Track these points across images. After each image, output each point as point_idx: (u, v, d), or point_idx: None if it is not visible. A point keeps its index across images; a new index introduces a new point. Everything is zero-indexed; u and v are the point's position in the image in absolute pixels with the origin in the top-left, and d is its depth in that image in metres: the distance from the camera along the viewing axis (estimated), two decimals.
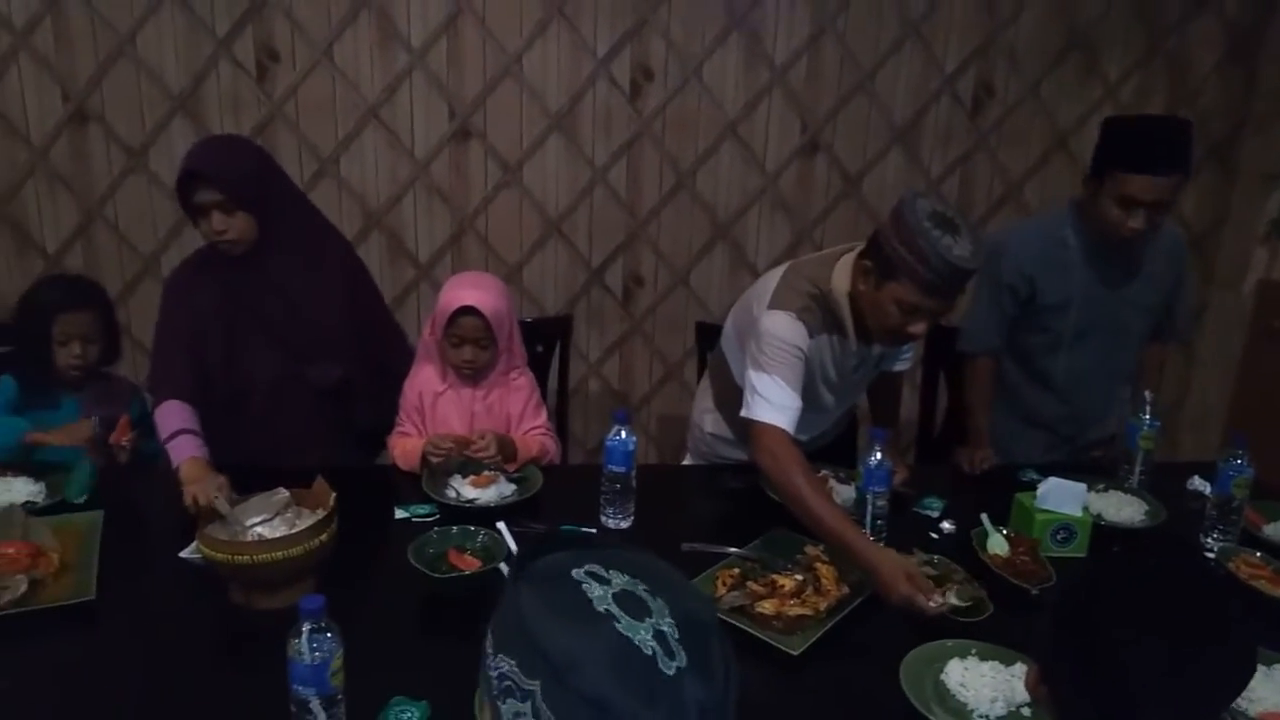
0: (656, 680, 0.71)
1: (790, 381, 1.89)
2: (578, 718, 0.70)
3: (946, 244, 1.72)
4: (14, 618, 1.53)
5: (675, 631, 0.73)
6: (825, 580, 1.65)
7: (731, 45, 3.12)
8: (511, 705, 0.73)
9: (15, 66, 2.95)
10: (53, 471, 1.99)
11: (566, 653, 0.71)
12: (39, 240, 3.11)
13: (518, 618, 0.74)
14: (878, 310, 1.85)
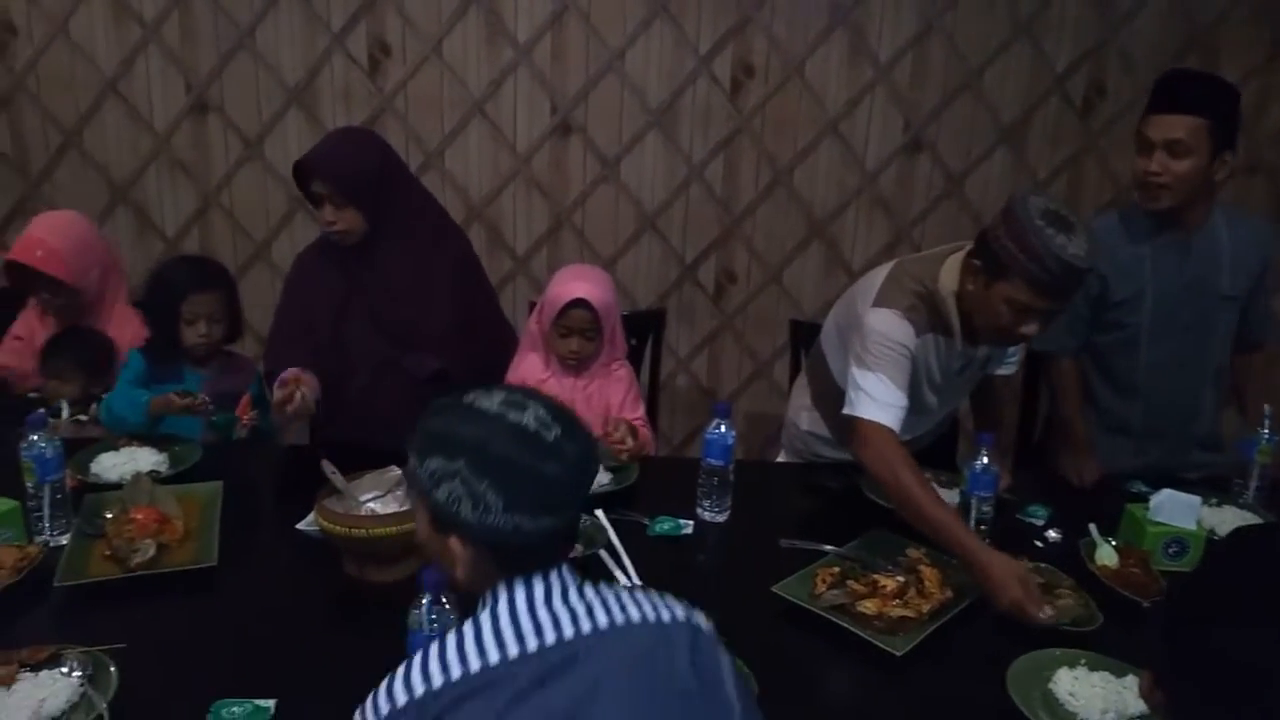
0: (543, 444, 1.03)
1: (896, 380, 1.87)
2: (495, 476, 1.00)
3: (1060, 242, 1.68)
4: (143, 579, 1.62)
5: (546, 415, 1.05)
6: (929, 583, 1.63)
7: (835, 42, 3.09)
8: (444, 488, 1.02)
9: (144, 58, 3.11)
10: (175, 443, 2.09)
11: (478, 437, 1.02)
12: (159, 223, 3.26)
13: (438, 428, 1.05)
14: (987, 310, 1.82)
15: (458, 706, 0.96)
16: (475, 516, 1.01)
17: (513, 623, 1.02)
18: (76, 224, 2.42)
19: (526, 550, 1.04)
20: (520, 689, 0.97)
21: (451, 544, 1.05)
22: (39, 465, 1.71)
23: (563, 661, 0.99)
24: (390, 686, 1.00)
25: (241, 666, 1.42)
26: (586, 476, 1.08)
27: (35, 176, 3.22)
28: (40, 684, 1.32)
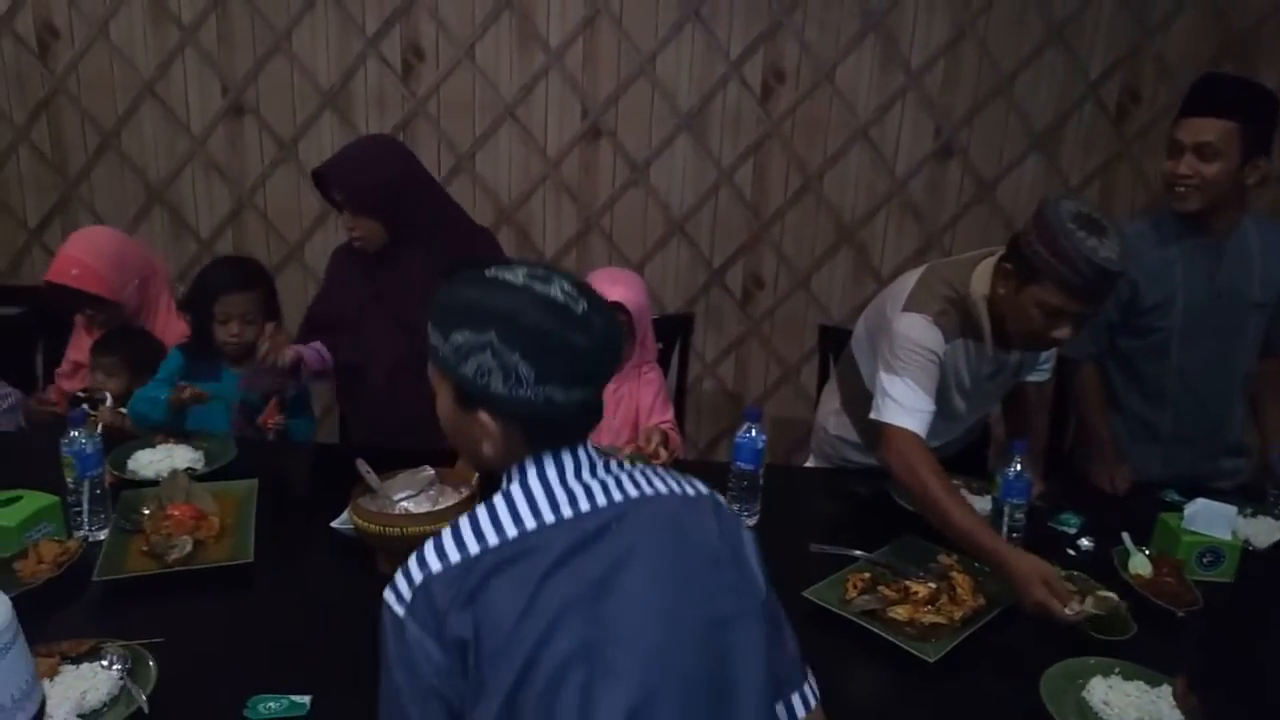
0: (573, 315, 1.01)
1: (923, 385, 1.87)
2: (526, 347, 0.99)
3: (1092, 245, 1.67)
4: (180, 575, 1.64)
5: (573, 289, 1.04)
6: (961, 589, 1.62)
7: (866, 48, 3.08)
8: (473, 361, 1.01)
9: (181, 60, 3.15)
10: (210, 440, 2.12)
11: (508, 307, 1.00)
12: (193, 225, 3.30)
13: (464, 300, 1.03)
14: (1019, 314, 1.81)
15: (498, 572, 0.98)
16: (507, 389, 1.00)
17: (546, 493, 1.03)
18: (110, 239, 2.44)
19: (557, 423, 1.04)
20: (556, 556, 0.99)
21: (480, 419, 1.04)
22: (79, 461, 1.74)
23: (596, 529, 1.02)
24: (422, 555, 1.00)
25: (277, 662, 1.43)
26: (613, 349, 1.07)
27: (74, 177, 3.27)
28: (81, 676, 1.35)
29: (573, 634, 0.96)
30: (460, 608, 0.97)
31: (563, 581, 0.98)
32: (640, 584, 1.00)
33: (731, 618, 1.05)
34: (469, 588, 0.97)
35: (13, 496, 1.73)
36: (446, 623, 0.97)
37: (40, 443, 2.27)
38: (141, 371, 2.33)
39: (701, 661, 1.01)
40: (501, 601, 0.96)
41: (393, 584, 1.01)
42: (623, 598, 0.99)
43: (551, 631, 0.96)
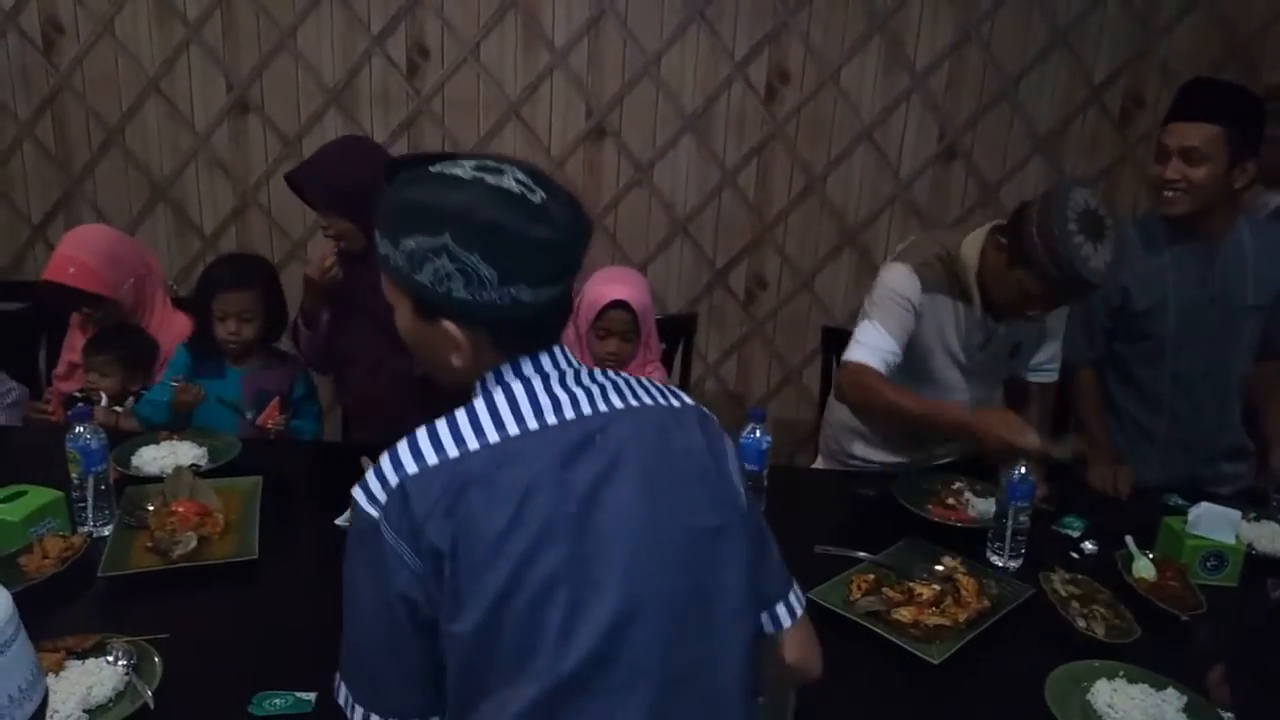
0: (531, 206, 0.95)
1: (889, 328, 1.95)
2: (485, 246, 0.93)
3: (1085, 253, 1.70)
4: (184, 571, 1.64)
5: (527, 179, 0.97)
6: (965, 592, 1.62)
7: (871, 50, 3.09)
8: (429, 267, 0.95)
9: (185, 57, 3.15)
10: (215, 438, 2.12)
11: (460, 204, 0.94)
12: (197, 222, 3.30)
13: (410, 201, 0.96)
14: (1002, 285, 1.91)
15: (479, 481, 0.94)
16: (469, 293, 0.95)
17: (529, 399, 0.99)
18: (106, 237, 2.43)
19: (527, 325, 0.99)
20: (540, 469, 0.95)
21: (445, 328, 0.99)
22: (84, 457, 1.74)
23: (581, 439, 0.99)
24: (396, 455, 0.95)
25: (282, 658, 1.43)
26: (580, 240, 1.00)
27: (78, 173, 3.27)
28: (87, 671, 1.35)
29: (558, 550, 0.94)
30: (439, 518, 0.93)
31: (547, 495, 0.95)
32: (625, 497, 0.98)
33: (715, 529, 1.03)
34: (448, 497, 0.93)
35: (17, 492, 1.73)
36: (424, 532, 0.93)
37: (44, 439, 2.28)
38: (135, 370, 2.32)
39: (684, 573, 1.00)
40: (483, 515, 0.93)
41: (363, 483, 0.96)
42: (608, 512, 0.97)
43: (536, 547, 0.93)
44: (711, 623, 1.02)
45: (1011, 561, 1.81)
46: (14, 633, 0.81)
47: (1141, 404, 2.29)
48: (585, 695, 0.94)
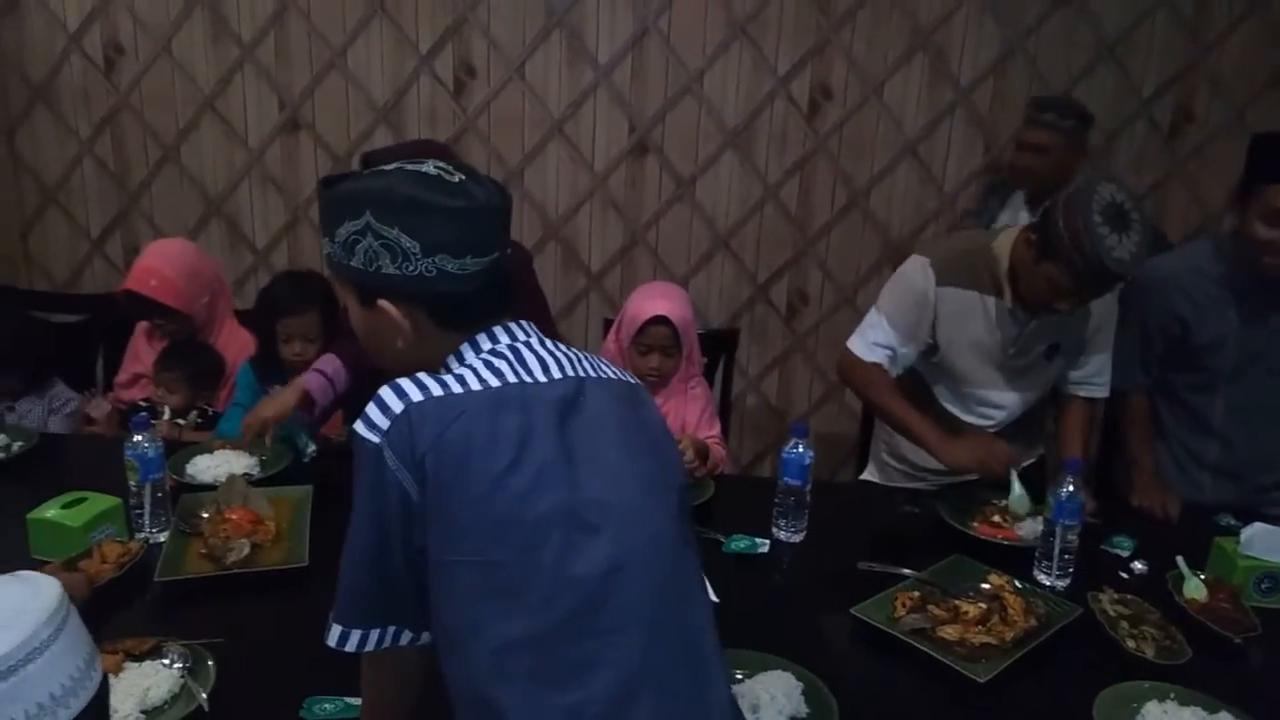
0: (447, 184, 1.02)
1: (894, 323, 1.99)
2: (404, 219, 1.00)
3: (1109, 244, 1.71)
4: (237, 577, 1.68)
5: (447, 165, 1.05)
6: (1012, 610, 1.60)
7: (915, 65, 3.09)
8: (359, 251, 1.01)
9: (240, 77, 3.24)
10: (264, 447, 2.16)
11: (380, 187, 1.02)
12: (249, 236, 3.38)
13: (338, 195, 1.04)
14: (1030, 280, 1.90)
15: (478, 418, 0.99)
16: (397, 267, 1.01)
17: (516, 359, 1.05)
18: (187, 252, 2.48)
19: (460, 299, 1.04)
20: (534, 416, 1.01)
21: (383, 309, 1.04)
22: (142, 465, 1.78)
23: (567, 395, 1.05)
24: (399, 387, 1.00)
25: (332, 665, 1.42)
26: (499, 216, 1.06)
27: (135, 189, 3.37)
28: (144, 673, 1.38)
29: (554, 494, 0.99)
30: (437, 451, 0.97)
31: (543, 442, 1.00)
32: (613, 450, 1.06)
33: (680, 488, 1.14)
34: (447, 430, 0.97)
35: (78, 498, 1.78)
36: (424, 461, 0.97)
37: (102, 447, 2.34)
38: (201, 387, 2.38)
39: (665, 521, 1.08)
40: (483, 451, 0.98)
41: (364, 415, 1.00)
42: (599, 464, 1.03)
43: (533, 489, 0.98)
44: (685, 572, 1.10)
45: (1059, 581, 1.79)
46: (62, 621, 0.84)
47: (1194, 430, 2.25)
48: (577, 634, 0.99)
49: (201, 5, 3.17)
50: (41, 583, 0.85)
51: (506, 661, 0.98)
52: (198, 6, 3.17)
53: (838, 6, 3.05)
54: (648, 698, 1.00)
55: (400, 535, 1.00)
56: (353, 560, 1.05)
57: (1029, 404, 2.17)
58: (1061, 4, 3.00)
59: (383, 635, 1.08)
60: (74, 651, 0.84)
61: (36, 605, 0.82)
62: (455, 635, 1.02)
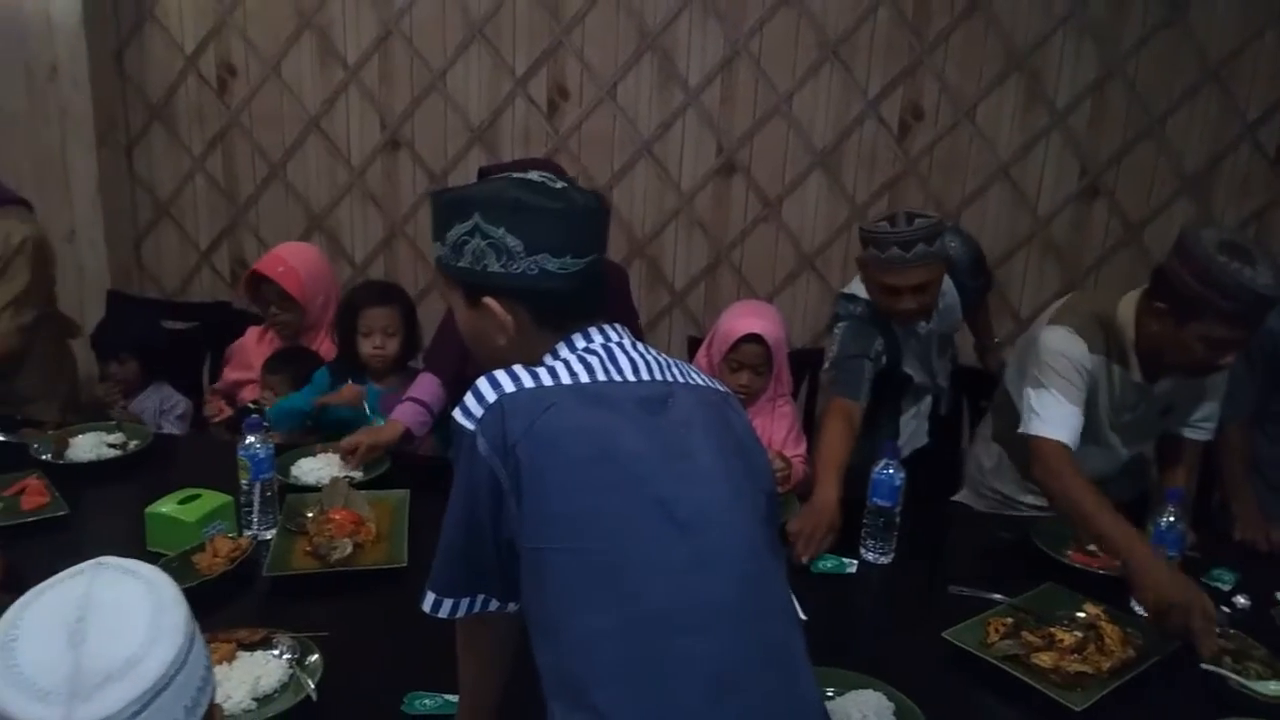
0: (550, 189, 1.10)
1: (1068, 395, 1.89)
2: (509, 219, 1.07)
3: (1248, 275, 1.65)
4: (340, 575, 1.75)
5: (551, 175, 1.12)
6: (1109, 640, 1.57)
7: (1010, 87, 3.06)
8: (467, 251, 1.09)
9: (344, 98, 3.37)
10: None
11: (488, 192, 1.10)
12: (349, 250, 3.51)
13: (448, 201, 1.12)
14: (1179, 349, 1.80)
15: (570, 412, 1.03)
16: (502, 265, 1.08)
17: (607, 357, 1.10)
18: (315, 256, 2.70)
19: (558, 296, 1.10)
20: (627, 411, 1.06)
21: (487, 306, 1.11)
22: (253, 465, 1.87)
23: (657, 396, 1.09)
24: (494, 378, 1.06)
25: (432, 663, 1.49)
26: (597, 220, 1.14)
27: (242, 203, 3.53)
28: (256, 663, 1.45)
29: (643, 487, 1.03)
30: (528, 440, 1.02)
31: (633, 436, 1.05)
32: (703, 451, 1.09)
33: (770, 493, 1.17)
34: (537, 420, 1.02)
35: (192, 494, 1.88)
36: (516, 452, 1.02)
37: (211, 447, 2.46)
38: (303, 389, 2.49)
39: (755, 525, 1.10)
40: (570, 444, 1.02)
41: (462, 404, 1.07)
42: (691, 463, 1.07)
43: (622, 481, 1.03)
44: (773, 576, 1.11)
45: None
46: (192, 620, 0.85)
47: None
48: (666, 629, 1.01)
49: (310, 29, 3.32)
50: (159, 581, 0.84)
51: (595, 652, 1.01)
52: (307, 30, 3.32)
53: (931, 28, 3.04)
54: (738, 695, 1.02)
55: (489, 519, 1.06)
56: (447, 536, 1.12)
57: (1137, 453, 2.14)
58: (1164, 26, 2.94)
59: (471, 603, 1.15)
60: (203, 654, 0.85)
61: (175, 611, 0.82)
62: (546, 624, 1.05)
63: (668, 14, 3.13)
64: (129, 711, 0.76)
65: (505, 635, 1.22)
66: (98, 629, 0.77)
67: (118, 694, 0.76)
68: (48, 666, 0.75)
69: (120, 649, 0.77)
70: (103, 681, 0.75)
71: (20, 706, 0.74)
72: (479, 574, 1.11)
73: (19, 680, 0.74)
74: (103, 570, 0.82)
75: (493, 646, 1.23)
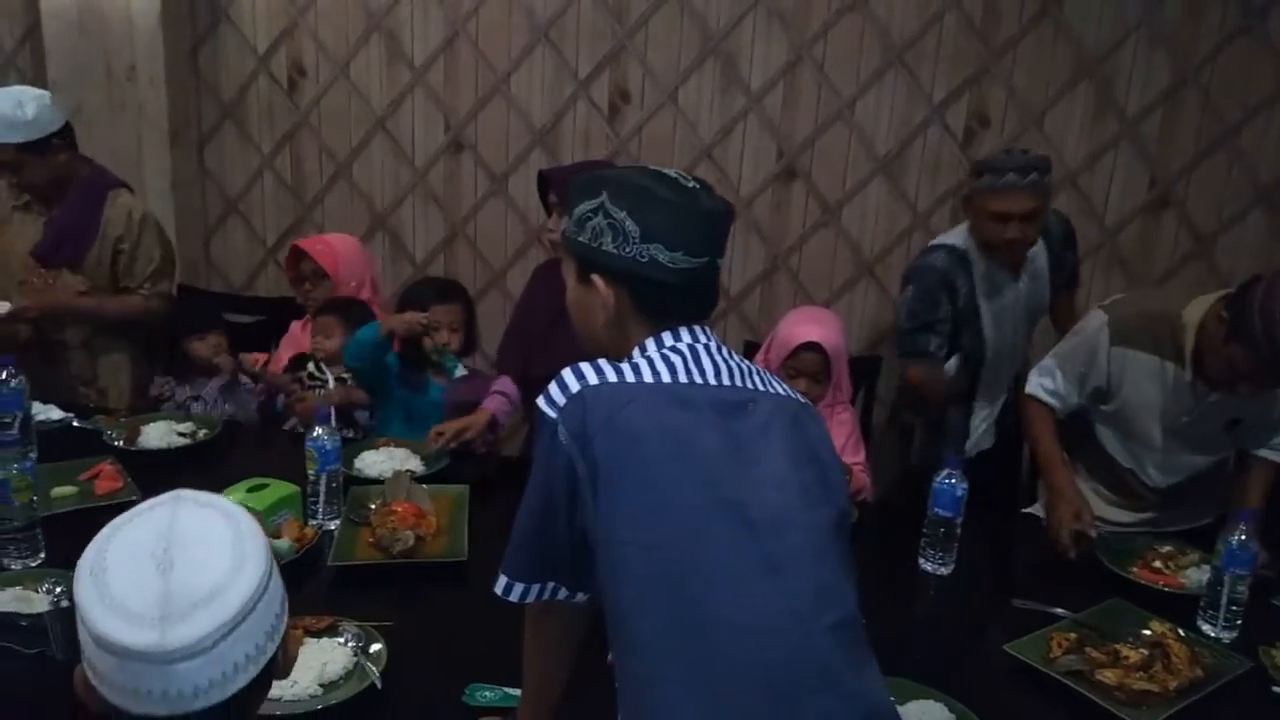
0: (681, 186, 1.12)
1: (1064, 369, 2.08)
2: (633, 204, 1.10)
3: None
4: (402, 566, 1.78)
5: (687, 174, 1.15)
6: (1177, 659, 1.54)
7: (1079, 95, 3.00)
8: (589, 227, 1.12)
9: (410, 99, 3.43)
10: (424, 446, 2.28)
11: (622, 175, 1.15)
12: (410, 249, 3.57)
13: (586, 179, 1.15)
14: (1215, 356, 1.84)
15: (650, 409, 1.06)
16: (615, 246, 1.10)
17: (693, 358, 1.11)
18: (352, 243, 2.86)
19: (664, 289, 1.11)
20: (705, 412, 1.08)
21: (594, 283, 1.14)
22: (320, 456, 1.92)
23: (737, 402, 1.10)
24: (579, 370, 1.09)
25: (493, 656, 1.51)
26: (721, 224, 1.15)
27: (309, 201, 3.61)
28: (322, 649, 1.48)
29: (717, 487, 1.05)
30: (607, 433, 1.04)
31: (710, 437, 1.06)
32: (779, 458, 1.10)
33: (842, 507, 1.16)
34: (619, 415, 1.05)
35: (261, 483, 1.92)
36: (594, 443, 1.04)
37: (279, 438, 2.52)
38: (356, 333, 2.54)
39: (828, 535, 1.10)
40: (648, 441, 1.04)
41: (546, 392, 1.09)
42: (765, 468, 1.08)
43: (696, 480, 1.04)
44: (842, 584, 1.10)
45: (1225, 632, 1.71)
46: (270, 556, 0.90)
47: None
48: (735, 632, 1.02)
49: (379, 31, 3.38)
50: (236, 513, 0.89)
51: (657, 651, 1.03)
52: (375, 32, 3.38)
53: (999, 35, 3.00)
54: (809, 701, 1.02)
55: (564, 507, 1.08)
56: (522, 521, 1.14)
57: (1199, 469, 2.10)
58: (1240, 33, 2.87)
59: (542, 589, 1.16)
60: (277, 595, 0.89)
61: (254, 541, 0.87)
62: (616, 618, 1.07)
63: (731, 18, 3.13)
64: (216, 636, 0.81)
65: (572, 625, 1.24)
66: (183, 558, 0.82)
67: (206, 620, 0.81)
68: (138, 593, 0.80)
69: (206, 577, 0.82)
70: (191, 608, 0.81)
71: (116, 629, 0.79)
72: (551, 561, 1.13)
73: (114, 605, 0.80)
74: (182, 503, 0.87)
75: (560, 635, 1.25)
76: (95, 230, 2.58)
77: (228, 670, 0.83)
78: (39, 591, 1.60)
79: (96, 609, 0.80)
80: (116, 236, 2.60)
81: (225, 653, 0.82)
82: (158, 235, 2.69)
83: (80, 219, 2.58)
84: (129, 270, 2.64)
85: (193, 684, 0.82)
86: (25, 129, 2.40)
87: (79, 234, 2.58)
